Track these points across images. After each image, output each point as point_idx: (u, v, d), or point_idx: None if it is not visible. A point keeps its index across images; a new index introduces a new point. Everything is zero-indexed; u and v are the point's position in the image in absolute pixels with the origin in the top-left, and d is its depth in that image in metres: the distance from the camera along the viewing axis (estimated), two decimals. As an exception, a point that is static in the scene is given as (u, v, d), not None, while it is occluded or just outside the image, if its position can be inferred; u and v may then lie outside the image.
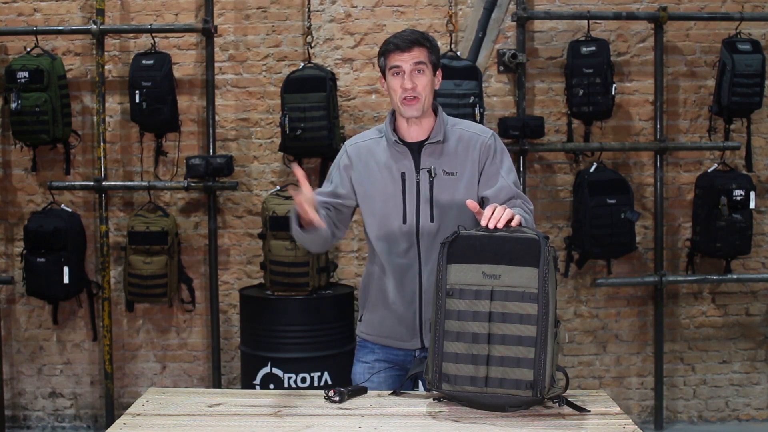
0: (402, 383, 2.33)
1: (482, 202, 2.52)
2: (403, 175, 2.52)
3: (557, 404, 2.10)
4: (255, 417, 2.13)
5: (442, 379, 2.10)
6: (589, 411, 2.12)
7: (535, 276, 2.05)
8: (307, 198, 2.35)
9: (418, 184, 2.51)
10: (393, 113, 2.60)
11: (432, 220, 2.50)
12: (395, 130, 2.58)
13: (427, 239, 2.50)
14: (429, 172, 2.51)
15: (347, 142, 2.68)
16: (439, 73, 2.58)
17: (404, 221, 2.52)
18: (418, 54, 2.49)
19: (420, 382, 2.59)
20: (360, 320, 2.70)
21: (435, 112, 2.58)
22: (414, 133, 2.55)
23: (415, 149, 2.54)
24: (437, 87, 2.57)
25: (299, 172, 2.40)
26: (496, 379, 2.04)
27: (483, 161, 2.53)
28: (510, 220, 2.14)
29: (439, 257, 2.14)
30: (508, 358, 2.04)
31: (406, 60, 2.48)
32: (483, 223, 2.14)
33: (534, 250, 2.07)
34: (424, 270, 2.52)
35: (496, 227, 2.12)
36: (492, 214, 2.15)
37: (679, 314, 5.03)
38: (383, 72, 2.56)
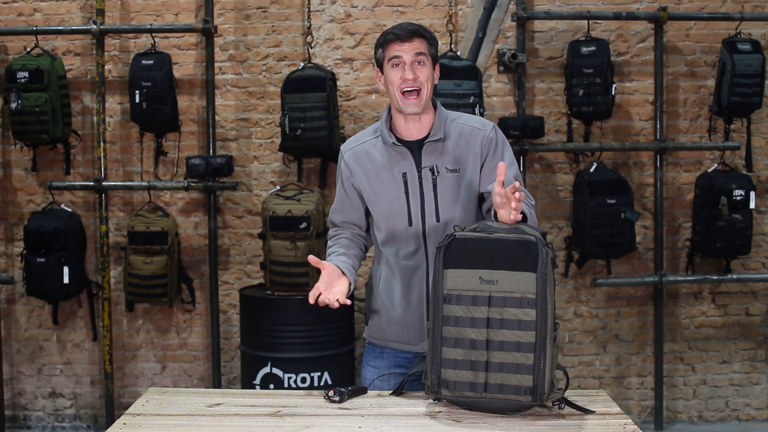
0: (403, 383, 2.31)
1: (483, 198, 2.48)
2: (404, 175, 2.45)
3: (557, 407, 2.09)
4: (255, 417, 2.13)
5: (441, 385, 2.08)
6: (594, 412, 2.11)
7: (533, 281, 2.02)
8: (329, 282, 2.37)
9: (420, 183, 2.45)
10: (389, 110, 2.51)
11: (438, 220, 2.44)
12: (392, 128, 2.50)
13: (435, 239, 2.42)
14: (431, 170, 2.44)
15: (344, 147, 2.59)
16: (437, 68, 2.50)
17: (410, 223, 2.45)
18: (419, 45, 2.41)
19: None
20: (366, 323, 2.64)
21: (434, 107, 2.50)
22: (413, 131, 2.47)
23: (415, 148, 2.46)
24: (436, 82, 2.50)
25: (313, 261, 2.36)
26: (495, 385, 2.03)
27: (484, 155, 2.46)
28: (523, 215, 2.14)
29: (435, 262, 2.10)
30: (507, 364, 2.02)
31: (406, 50, 2.40)
32: (514, 206, 2.08)
33: (532, 254, 2.03)
34: (431, 272, 2.40)
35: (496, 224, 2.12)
36: (514, 195, 2.09)
37: (679, 314, 5.03)
38: (380, 65, 2.47)
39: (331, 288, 2.36)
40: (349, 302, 2.34)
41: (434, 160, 2.45)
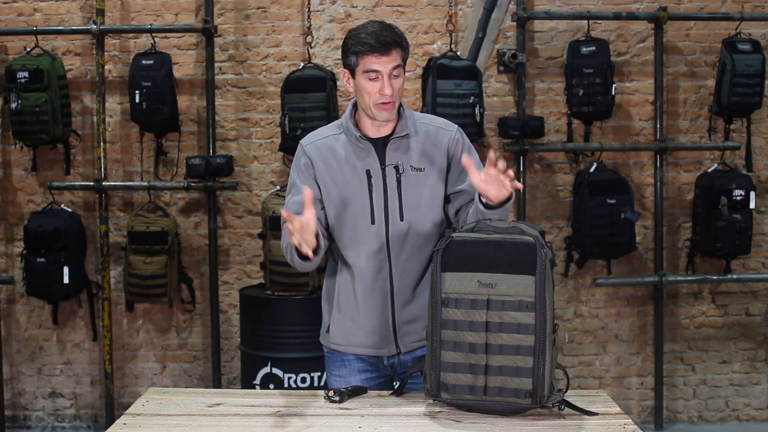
0: (403, 382, 2.31)
1: (450, 199, 2.45)
2: (368, 172, 2.39)
3: (557, 408, 2.08)
4: (255, 417, 2.13)
5: (440, 389, 2.07)
6: (597, 414, 2.10)
7: (531, 284, 2.01)
8: (306, 223, 2.18)
9: (384, 181, 2.39)
10: (354, 106, 2.45)
11: (402, 219, 2.39)
12: (356, 125, 2.43)
13: (398, 239, 2.39)
14: (396, 168, 2.39)
15: (303, 141, 2.50)
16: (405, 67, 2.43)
17: (372, 221, 2.39)
18: (396, 56, 2.33)
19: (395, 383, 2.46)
20: (327, 331, 2.52)
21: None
22: (379, 129, 2.41)
23: (380, 144, 2.41)
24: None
25: (308, 194, 2.22)
26: (495, 388, 2.02)
27: (451, 156, 2.42)
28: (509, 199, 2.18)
29: (432, 264, 2.09)
30: (507, 367, 2.01)
31: (384, 63, 2.31)
32: (509, 184, 2.13)
33: (530, 257, 2.02)
34: (394, 272, 2.40)
35: (495, 225, 2.10)
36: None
37: (679, 314, 5.03)
38: (351, 71, 2.37)
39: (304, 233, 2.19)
40: (312, 249, 2.20)
41: (399, 157, 2.40)
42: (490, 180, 2.17)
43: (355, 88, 2.40)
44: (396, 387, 2.32)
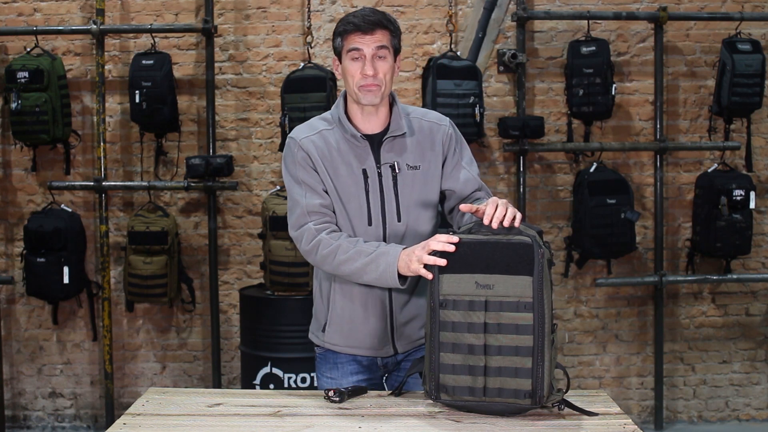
0: (402, 383, 2.30)
1: (444, 196, 2.42)
2: (364, 172, 2.32)
3: (557, 408, 2.08)
4: (255, 417, 2.13)
5: (440, 390, 2.07)
6: (597, 414, 2.10)
7: (529, 285, 1.99)
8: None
9: (380, 181, 2.33)
10: (345, 99, 2.38)
11: (399, 220, 2.34)
12: (349, 119, 2.36)
13: (395, 241, 2.33)
14: (392, 167, 2.33)
15: (295, 135, 2.38)
16: (399, 58, 2.37)
17: (369, 223, 2.32)
18: (381, 37, 2.28)
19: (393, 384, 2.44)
20: (323, 330, 2.47)
21: (390, 100, 2.38)
22: (371, 124, 2.35)
23: (375, 142, 2.34)
24: (397, 74, 2.40)
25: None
26: (494, 389, 2.02)
27: (445, 152, 2.38)
28: (513, 218, 2.06)
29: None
30: (506, 368, 2.00)
31: (367, 43, 2.26)
32: (486, 222, 2.06)
33: (527, 257, 2.00)
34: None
35: (492, 226, 2.06)
36: (495, 212, 2.06)
37: (679, 314, 5.03)
38: (339, 54, 2.33)
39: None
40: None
41: (394, 156, 2.34)
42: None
43: (342, 74, 2.35)
44: (396, 387, 2.32)
